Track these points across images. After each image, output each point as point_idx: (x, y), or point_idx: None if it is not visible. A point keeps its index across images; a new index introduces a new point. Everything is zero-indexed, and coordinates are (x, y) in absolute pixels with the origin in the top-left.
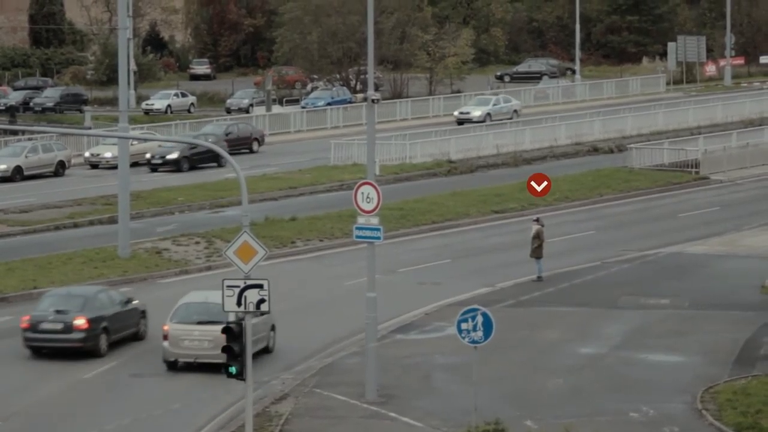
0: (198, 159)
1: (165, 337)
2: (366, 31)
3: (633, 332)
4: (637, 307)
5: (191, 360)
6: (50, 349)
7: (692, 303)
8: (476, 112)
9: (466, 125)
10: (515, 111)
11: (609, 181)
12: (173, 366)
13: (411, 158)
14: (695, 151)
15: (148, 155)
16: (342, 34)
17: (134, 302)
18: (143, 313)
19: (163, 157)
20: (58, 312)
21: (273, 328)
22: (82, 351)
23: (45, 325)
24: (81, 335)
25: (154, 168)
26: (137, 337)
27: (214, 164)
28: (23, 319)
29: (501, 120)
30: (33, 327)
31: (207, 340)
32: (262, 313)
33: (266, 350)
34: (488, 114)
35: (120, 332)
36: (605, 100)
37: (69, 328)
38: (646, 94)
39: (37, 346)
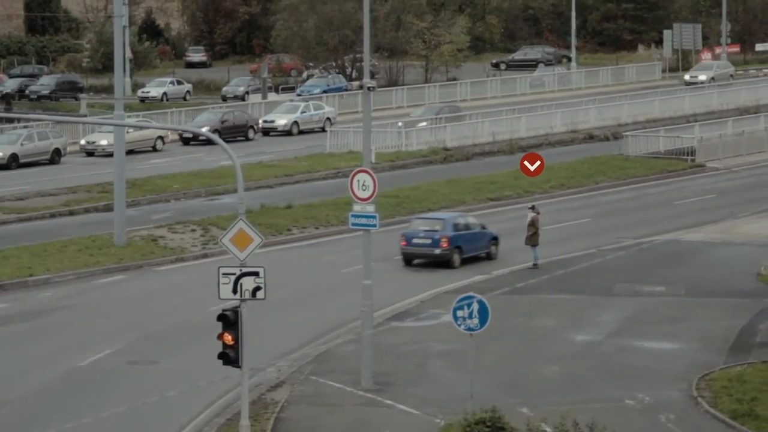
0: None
1: None
2: (362, 19)
3: (628, 320)
4: (633, 294)
5: None
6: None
7: (688, 290)
8: (281, 121)
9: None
10: (328, 119)
11: (605, 169)
12: None
13: (407, 146)
14: (691, 138)
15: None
16: (338, 21)
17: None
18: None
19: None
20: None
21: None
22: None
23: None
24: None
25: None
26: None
27: None
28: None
29: (312, 129)
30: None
31: None
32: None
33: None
34: (295, 122)
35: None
36: (601, 88)
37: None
38: (642, 81)
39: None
